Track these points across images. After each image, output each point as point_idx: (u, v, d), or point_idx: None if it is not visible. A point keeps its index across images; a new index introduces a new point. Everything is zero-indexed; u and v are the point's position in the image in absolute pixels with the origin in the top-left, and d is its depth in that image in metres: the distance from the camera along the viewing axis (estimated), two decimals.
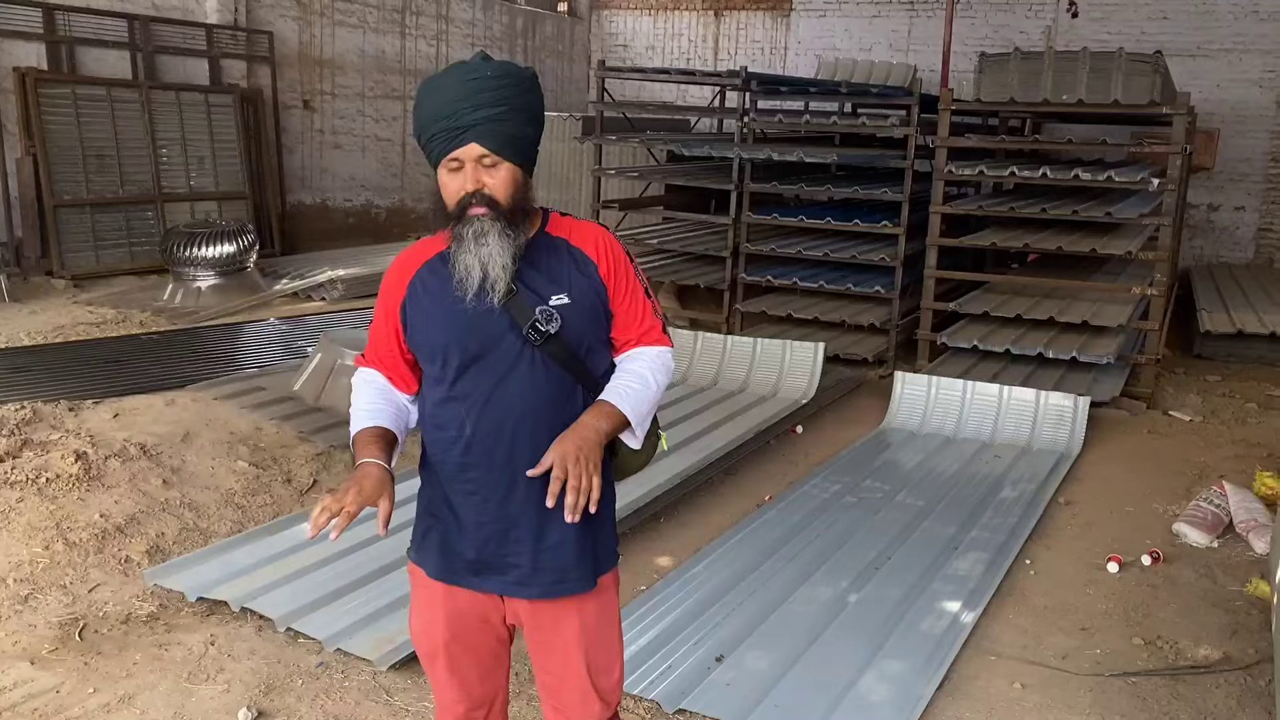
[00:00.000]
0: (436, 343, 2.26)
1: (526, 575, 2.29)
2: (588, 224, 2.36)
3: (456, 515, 2.31)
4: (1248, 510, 5.29)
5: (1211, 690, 3.77)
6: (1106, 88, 7.23)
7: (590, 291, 2.26)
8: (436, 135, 2.16)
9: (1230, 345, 9.01)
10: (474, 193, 2.15)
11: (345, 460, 5.80)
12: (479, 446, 2.25)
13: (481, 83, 2.16)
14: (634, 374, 2.30)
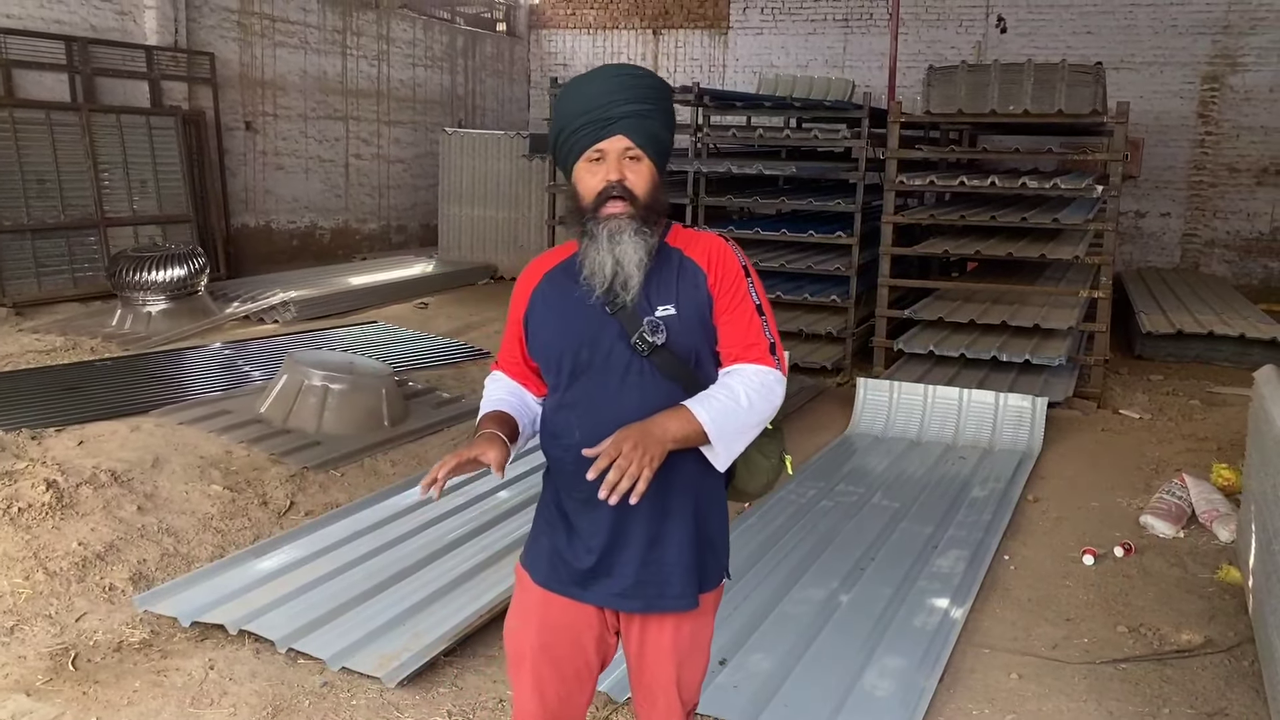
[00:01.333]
0: (551, 350, 2.27)
1: (630, 587, 2.28)
2: (707, 234, 2.33)
3: (569, 522, 2.31)
4: (1208, 501, 5.49)
5: (1198, 673, 3.91)
6: (1051, 98, 7.48)
7: (697, 303, 2.22)
8: (582, 127, 2.16)
9: (1169, 345, 9.33)
10: (616, 183, 2.15)
11: (320, 481, 5.75)
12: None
13: (632, 79, 2.21)
14: (726, 388, 2.21)
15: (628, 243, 2.14)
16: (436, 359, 8.34)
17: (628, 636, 2.37)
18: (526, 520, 4.99)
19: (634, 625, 2.35)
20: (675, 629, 2.33)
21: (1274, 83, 13.28)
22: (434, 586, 4.27)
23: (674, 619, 2.32)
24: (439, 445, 6.51)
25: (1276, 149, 13.39)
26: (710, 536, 2.33)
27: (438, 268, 11.83)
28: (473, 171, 12.35)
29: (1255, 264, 13.71)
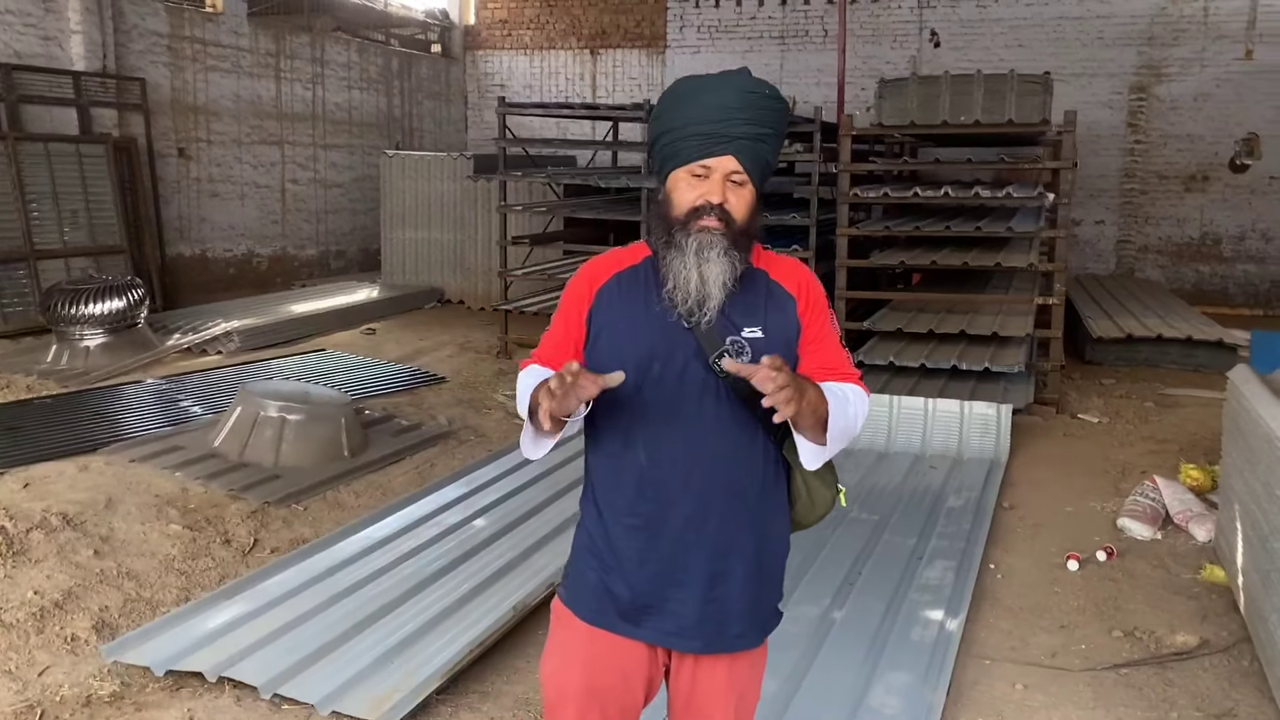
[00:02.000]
0: (617, 359, 2.07)
1: (690, 626, 2.15)
2: (789, 259, 2.25)
3: (617, 553, 2.16)
4: (1181, 501, 5.54)
5: (1199, 675, 3.91)
6: (1001, 108, 7.57)
7: (785, 329, 2.13)
8: (693, 137, 2.04)
9: (1118, 350, 9.48)
10: (716, 205, 2.04)
11: (282, 516, 5.53)
12: (654, 477, 2.11)
13: (759, 99, 2.08)
14: (840, 391, 2.07)
15: (715, 261, 2.02)
16: (390, 385, 8.13)
17: (678, 675, 2.24)
18: (507, 548, 4.87)
19: (687, 663, 2.21)
20: (731, 667, 2.21)
21: (1197, 92, 13.65)
22: (418, 621, 4.10)
23: (730, 657, 2.20)
24: (402, 475, 6.32)
25: (1202, 156, 13.75)
26: (773, 569, 2.22)
27: (383, 292, 11.59)
28: (415, 194, 12.15)
29: (1187, 269, 14.05)
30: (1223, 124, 13.59)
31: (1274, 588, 3.62)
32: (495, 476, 5.91)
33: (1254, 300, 13.65)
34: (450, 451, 6.85)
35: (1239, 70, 13.37)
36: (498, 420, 7.64)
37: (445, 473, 6.40)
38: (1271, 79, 13.24)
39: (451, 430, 7.24)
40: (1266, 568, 3.73)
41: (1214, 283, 13.94)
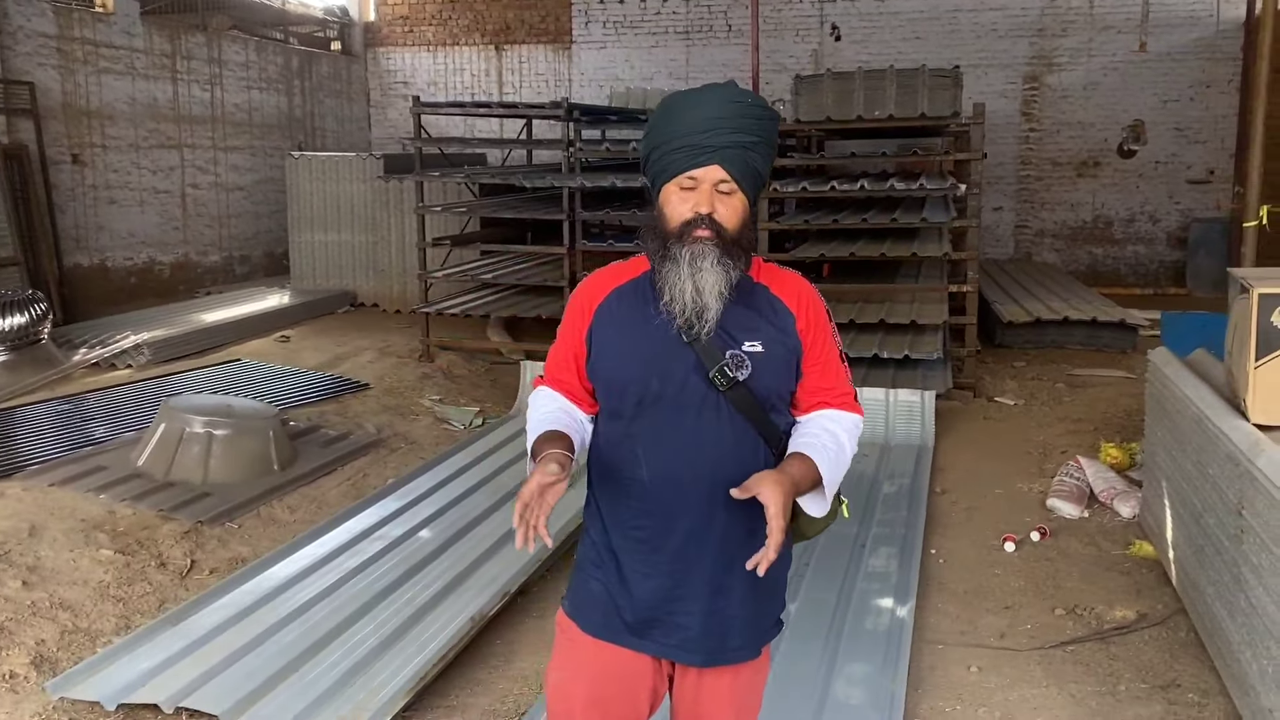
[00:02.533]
0: (617, 375, 2.12)
1: (693, 639, 2.16)
2: (790, 273, 2.24)
3: (620, 566, 2.17)
4: (1105, 480, 5.77)
5: (1141, 648, 4.08)
6: (914, 102, 7.75)
7: (785, 344, 2.14)
8: (680, 150, 2.05)
9: (1026, 333, 9.80)
10: (705, 216, 2.04)
11: (217, 535, 5.38)
12: (654, 491, 2.12)
13: (743, 108, 2.08)
14: (832, 436, 2.12)
15: (709, 271, 2.03)
16: (313, 394, 7.95)
17: (681, 687, 2.25)
18: (455, 559, 4.82)
19: (690, 676, 2.23)
20: (734, 679, 2.23)
21: (1086, 81, 14.18)
22: (376, 638, 4.04)
23: (733, 669, 2.22)
24: (335, 487, 6.20)
25: (1092, 143, 14.30)
26: (773, 586, 2.24)
27: (294, 298, 11.31)
28: (324, 195, 11.88)
29: (1081, 251, 14.60)
30: (1111, 111, 14.15)
31: (1208, 561, 3.81)
32: (433, 486, 5.83)
33: (1144, 280, 14.24)
34: (382, 460, 6.74)
35: (1124, 60, 13.94)
36: (426, 426, 7.54)
37: (379, 483, 6.30)
38: (1154, 67, 13.83)
39: (381, 438, 7.12)
40: (1200, 542, 3.91)
41: (1107, 264, 14.51)
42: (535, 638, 4.34)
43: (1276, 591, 3.01)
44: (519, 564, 4.72)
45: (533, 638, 4.34)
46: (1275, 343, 3.42)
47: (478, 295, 9.90)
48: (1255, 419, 3.51)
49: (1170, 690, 3.74)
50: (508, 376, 9.06)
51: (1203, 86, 13.79)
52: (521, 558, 4.79)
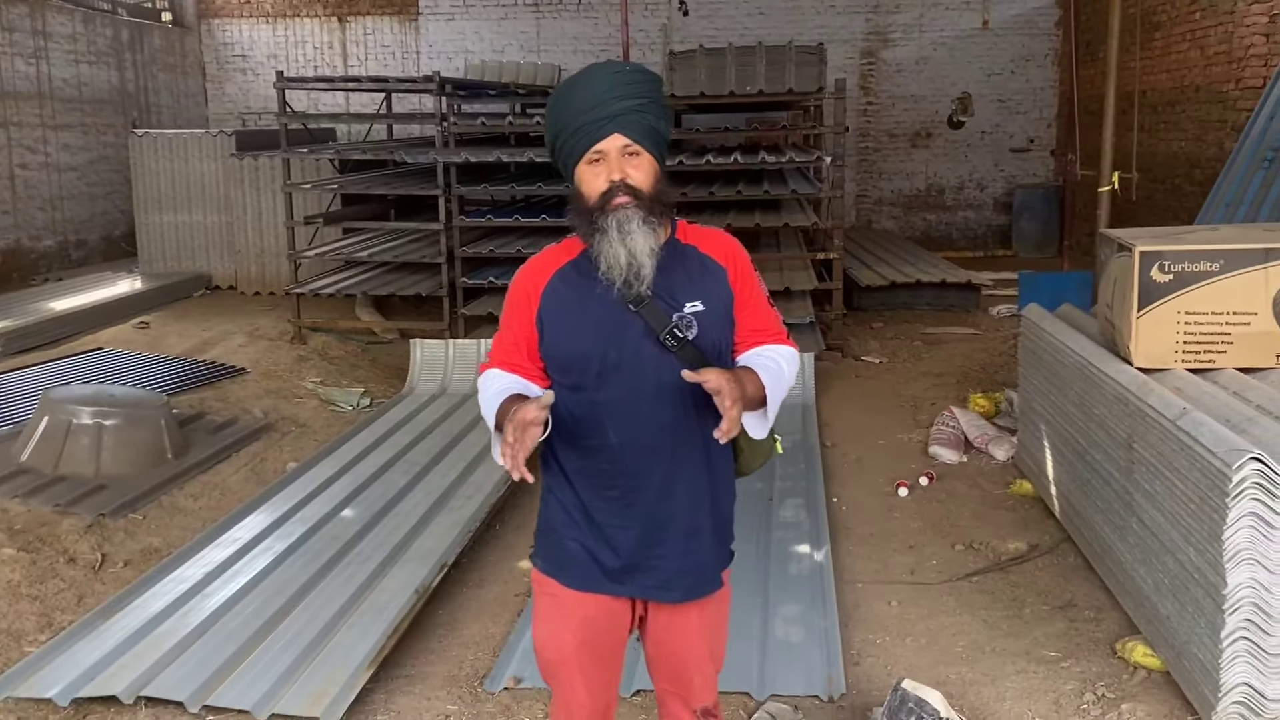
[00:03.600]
0: (576, 353, 2.25)
1: (670, 579, 2.35)
2: (714, 231, 2.40)
3: (596, 523, 2.33)
4: (978, 427, 6.26)
5: (1037, 574, 4.52)
6: (782, 78, 8.08)
7: (721, 298, 2.30)
8: (581, 129, 2.17)
9: (881, 296, 10.37)
10: (619, 182, 2.17)
11: (123, 527, 5.23)
12: (623, 453, 2.27)
13: (625, 76, 2.22)
14: (772, 359, 2.31)
15: (637, 232, 2.17)
16: (188, 381, 7.71)
17: (655, 623, 2.44)
18: (386, 534, 4.88)
19: (664, 612, 2.42)
20: (702, 609, 2.43)
21: (918, 56, 14.95)
22: (324, 617, 4.06)
23: (701, 601, 2.42)
24: (234, 473, 6.09)
25: (925, 115, 15.10)
26: (726, 515, 2.46)
27: (147, 282, 10.83)
28: (172, 175, 11.38)
29: (917, 218, 15.44)
30: (941, 85, 14.97)
31: (1095, 493, 4.26)
32: (342, 467, 5.80)
33: (974, 243, 15.19)
34: (276, 445, 6.64)
35: (952, 35, 14.77)
36: (313, 409, 7.44)
37: (277, 467, 6.23)
38: (979, 42, 14.71)
39: (270, 423, 7.00)
40: (1086, 476, 4.36)
41: (940, 229, 15.40)
42: (476, 605, 4.45)
43: (1170, 513, 3.44)
44: (452, 536, 4.81)
45: (474, 606, 4.45)
46: (1155, 294, 3.86)
47: (348, 274, 9.74)
48: (1138, 363, 3.95)
49: (1069, 609, 4.17)
50: (386, 356, 9.00)
51: (1023, 60, 14.76)
52: (452, 530, 4.88)
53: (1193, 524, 3.24)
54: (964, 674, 3.72)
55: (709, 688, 2.52)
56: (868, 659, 3.90)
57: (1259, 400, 3.58)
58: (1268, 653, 3.04)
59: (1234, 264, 3.80)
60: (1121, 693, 3.51)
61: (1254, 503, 2.98)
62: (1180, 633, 3.37)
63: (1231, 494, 2.97)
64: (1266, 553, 3.00)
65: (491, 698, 3.68)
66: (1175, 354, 3.91)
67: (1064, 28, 14.36)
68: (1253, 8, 8.95)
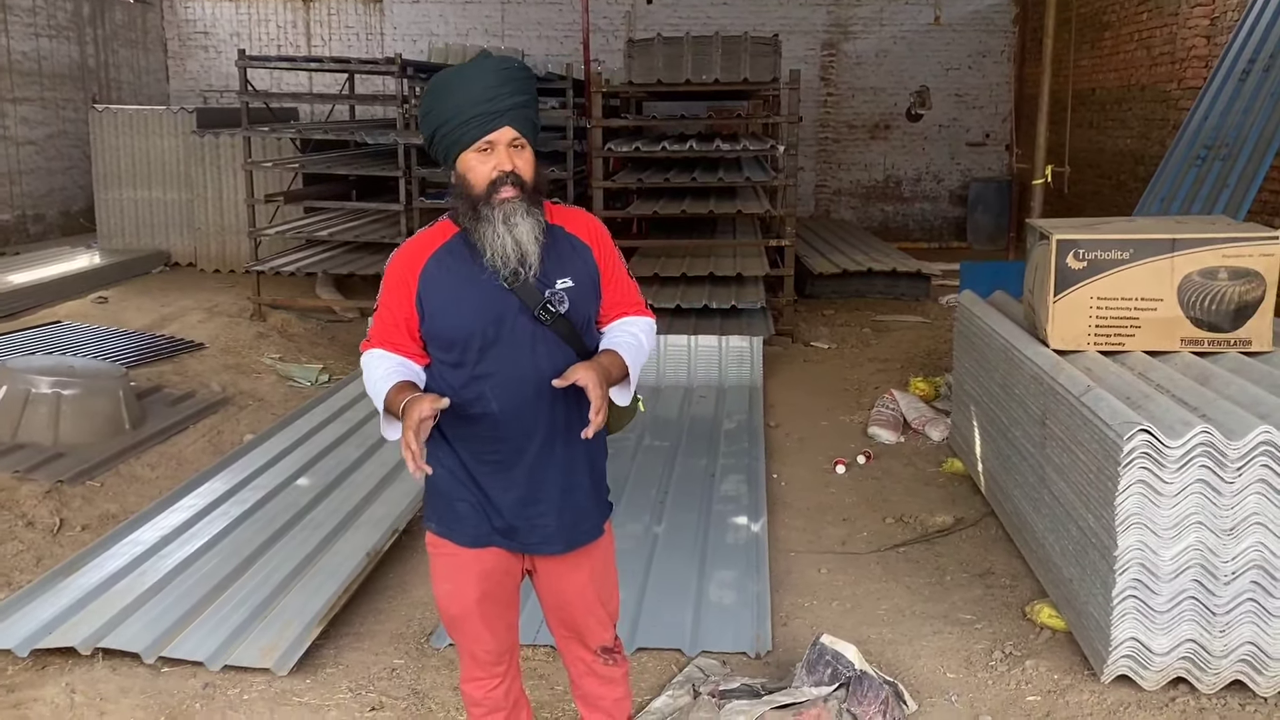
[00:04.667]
0: (457, 331, 2.43)
1: (551, 534, 2.56)
2: (576, 210, 2.61)
3: (481, 487, 2.52)
4: (916, 410, 6.51)
5: (960, 545, 4.76)
6: (737, 67, 8.27)
7: (588, 274, 2.51)
8: (472, 120, 2.33)
9: (833, 283, 10.61)
10: (508, 173, 2.34)
11: (80, 494, 5.35)
12: (504, 421, 2.46)
13: (513, 73, 2.39)
14: (631, 335, 2.55)
15: (522, 223, 2.35)
16: (147, 355, 7.80)
17: (545, 575, 2.65)
18: (339, 502, 5.04)
19: (551, 564, 2.62)
20: (588, 557, 2.65)
21: (878, 48, 15.21)
22: (277, 577, 4.22)
23: (586, 549, 2.64)
24: (191, 444, 6.22)
25: (884, 107, 15.36)
26: (601, 471, 2.67)
27: (105, 258, 10.86)
28: (133, 151, 11.39)
29: (874, 208, 15.71)
30: (900, 78, 15.23)
31: (1014, 469, 4.50)
32: (298, 439, 5.94)
33: (930, 234, 15.49)
34: (233, 418, 6.77)
35: (911, 29, 15.03)
36: (271, 384, 7.57)
37: (234, 439, 6.36)
38: (938, 37, 14.98)
39: (227, 397, 7.12)
40: (1007, 453, 4.61)
41: (897, 220, 15.68)
42: (425, 568, 4.59)
43: (1075, 483, 3.68)
44: (403, 504, 4.98)
45: (423, 569, 4.61)
46: (1070, 280, 4.10)
47: (308, 253, 9.83)
48: (1054, 345, 4.19)
49: (987, 577, 4.42)
50: (345, 334, 9.12)
51: (980, 56, 15.06)
52: (404, 499, 5.05)
53: (1092, 492, 3.48)
54: (884, 634, 3.95)
55: (605, 628, 2.74)
56: (795, 620, 4.12)
57: (1160, 380, 3.83)
58: (1154, 610, 3.29)
59: (1142, 253, 4.04)
60: (1027, 650, 3.76)
61: (1143, 471, 3.22)
62: (1080, 594, 3.61)
63: (1123, 463, 3.21)
64: (1153, 518, 3.24)
65: (437, 653, 3.86)
66: (1088, 337, 4.16)
67: (1020, 24, 14.67)
68: (1195, 10, 9.26)
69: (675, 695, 3.52)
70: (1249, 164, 6.57)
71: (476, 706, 2.72)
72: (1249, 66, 7.11)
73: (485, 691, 2.70)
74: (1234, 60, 7.28)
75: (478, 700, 2.71)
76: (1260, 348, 4.05)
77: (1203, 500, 3.22)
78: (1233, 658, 3.31)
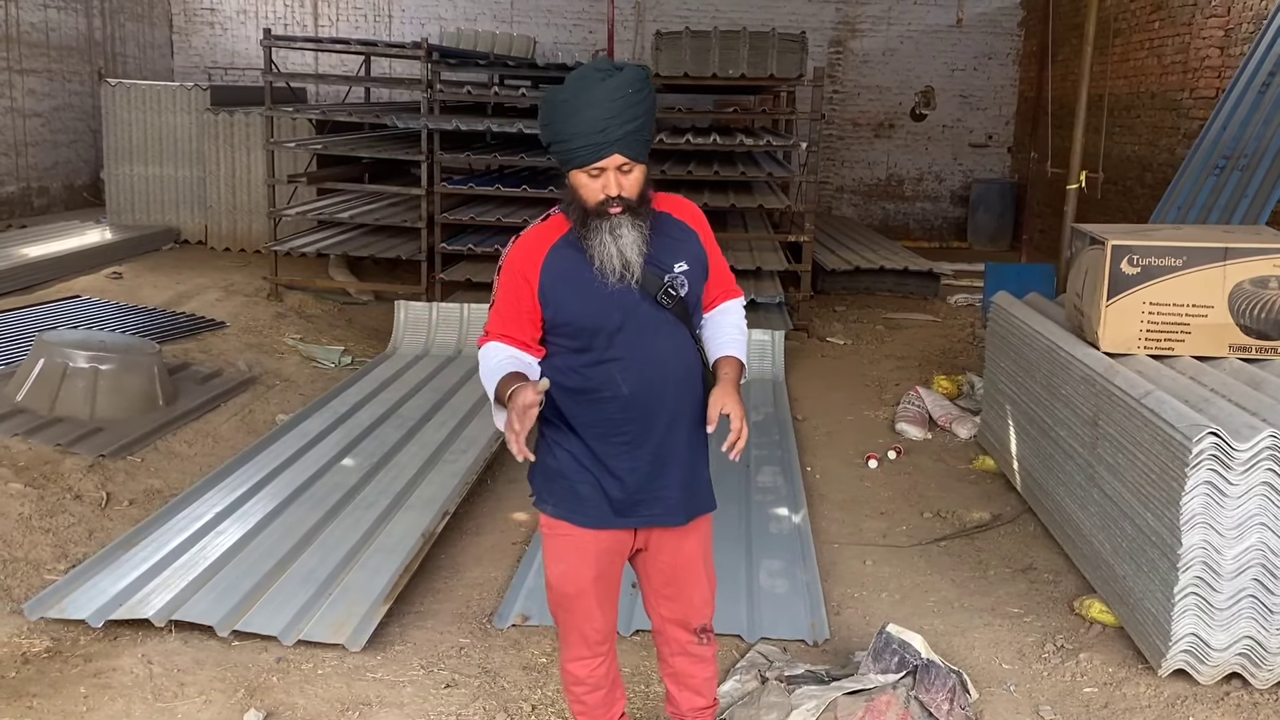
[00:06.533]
0: (584, 319, 2.54)
1: (674, 505, 2.68)
2: (679, 198, 2.72)
3: (607, 467, 2.61)
4: (942, 407, 6.62)
5: (1000, 541, 4.87)
6: (764, 63, 8.35)
7: (698, 258, 2.65)
8: (582, 148, 2.42)
9: (844, 280, 10.71)
10: (615, 197, 2.45)
11: (123, 468, 5.38)
12: (636, 402, 2.56)
13: (626, 100, 2.43)
14: (735, 327, 2.75)
15: (626, 235, 2.48)
16: (169, 332, 7.78)
17: (659, 549, 2.76)
18: (388, 484, 5.11)
19: (667, 537, 2.74)
20: (698, 530, 2.79)
21: (885, 47, 15.31)
22: (336, 555, 4.28)
23: (698, 522, 2.77)
24: (225, 422, 6.24)
25: (889, 106, 15.48)
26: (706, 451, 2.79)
27: (116, 233, 10.80)
28: (145, 126, 11.32)
29: (876, 206, 15.84)
30: (905, 77, 15.35)
31: (1058, 467, 4.61)
32: (334, 421, 5.96)
33: (930, 234, 15.62)
34: (263, 397, 6.79)
35: (919, 29, 15.14)
36: (296, 364, 7.59)
37: (266, 418, 6.39)
38: (944, 38, 15.10)
39: (254, 376, 7.14)
40: (1050, 451, 4.72)
41: (898, 219, 15.81)
42: (476, 551, 4.70)
43: (1131, 482, 3.79)
44: (451, 486, 5.04)
45: (473, 551, 4.70)
46: (1124, 285, 4.20)
47: (325, 234, 9.83)
48: (1105, 348, 4.29)
49: (1029, 572, 4.53)
50: (362, 316, 9.16)
51: (985, 58, 15.19)
52: (451, 480, 5.12)
53: (1152, 492, 3.59)
54: (936, 625, 4.04)
55: (708, 604, 2.87)
56: (847, 610, 4.21)
57: (1213, 384, 3.94)
58: (1215, 607, 3.40)
59: (1195, 260, 4.15)
60: (1079, 644, 3.87)
61: (1210, 473, 3.33)
62: (1135, 590, 3.72)
63: (1190, 464, 3.32)
64: (1218, 518, 3.35)
65: (500, 633, 3.93)
66: (1139, 340, 4.27)
67: (1026, 28, 14.81)
68: (1210, 21, 9.40)
69: (743, 680, 3.60)
70: (1268, 175, 6.71)
71: (579, 685, 2.80)
72: (1269, 79, 7.25)
73: (590, 670, 2.78)
74: (1254, 71, 7.41)
75: (581, 679, 2.79)
76: None
77: (1265, 502, 3.33)
78: None
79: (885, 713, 3.29)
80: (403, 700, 3.47)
